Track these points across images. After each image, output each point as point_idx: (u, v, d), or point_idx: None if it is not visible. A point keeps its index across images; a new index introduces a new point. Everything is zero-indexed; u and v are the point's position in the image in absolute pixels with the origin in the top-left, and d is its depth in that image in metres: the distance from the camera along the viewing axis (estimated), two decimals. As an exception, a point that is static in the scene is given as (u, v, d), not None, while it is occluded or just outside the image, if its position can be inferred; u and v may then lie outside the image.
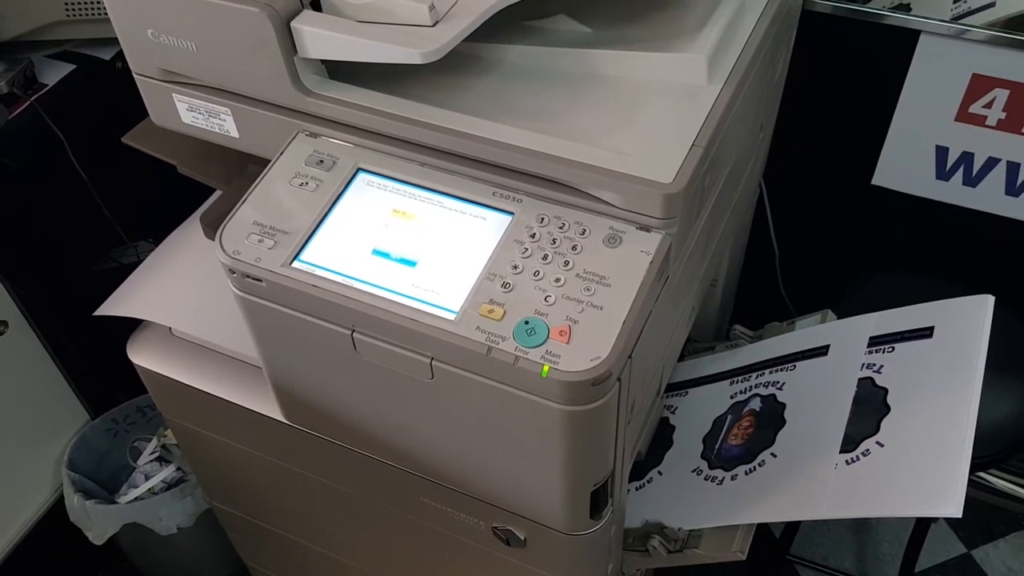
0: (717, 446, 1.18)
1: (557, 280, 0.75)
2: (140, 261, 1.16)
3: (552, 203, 0.79)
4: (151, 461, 1.50)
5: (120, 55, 1.28)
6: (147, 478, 1.48)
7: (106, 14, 0.90)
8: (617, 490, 0.91)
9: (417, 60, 0.77)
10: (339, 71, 0.86)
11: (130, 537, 1.43)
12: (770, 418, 1.14)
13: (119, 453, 1.51)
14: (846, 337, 1.16)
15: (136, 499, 1.44)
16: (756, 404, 1.19)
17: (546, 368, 0.71)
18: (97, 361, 1.46)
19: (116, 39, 0.92)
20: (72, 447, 1.46)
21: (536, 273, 0.76)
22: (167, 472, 1.48)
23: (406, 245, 0.79)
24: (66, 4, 1.22)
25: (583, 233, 0.77)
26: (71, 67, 1.29)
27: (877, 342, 1.11)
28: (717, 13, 0.88)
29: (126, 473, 1.51)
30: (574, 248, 0.77)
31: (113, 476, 1.50)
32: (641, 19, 0.92)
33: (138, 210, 1.07)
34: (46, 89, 1.25)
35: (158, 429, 1.53)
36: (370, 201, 0.82)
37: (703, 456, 1.19)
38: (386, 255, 0.79)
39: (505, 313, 0.74)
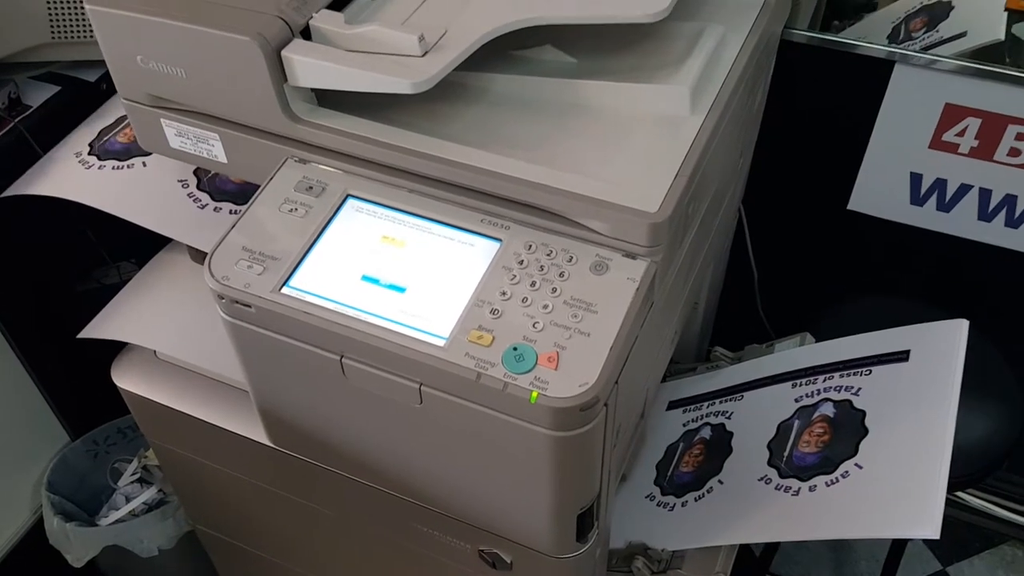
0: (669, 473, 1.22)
1: (545, 307, 0.76)
2: (123, 282, 1.16)
3: (540, 230, 0.80)
4: (132, 482, 1.49)
5: (105, 77, 1.28)
6: (128, 500, 1.47)
7: (91, 36, 0.90)
8: (603, 513, 0.92)
9: (407, 90, 0.78)
10: (328, 98, 0.86)
11: (110, 559, 1.42)
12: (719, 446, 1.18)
13: (99, 474, 1.50)
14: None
15: (117, 521, 1.43)
16: (707, 432, 1.22)
17: (535, 394, 0.72)
18: (77, 382, 1.45)
19: (101, 61, 0.92)
20: (52, 468, 1.44)
21: (524, 300, 0.77)
22: (148, 494, 1.47)
23: (395, 271, 0.80)
24: (52, 26, 1.22)
25: (570, 260, 0.79)
26: (56, 88, 1.29)
27: (854, 365, 1.13)
28: (699, 45, 0.90)
29: (106, 495, 1.49)
30: (561, 275, 0.78)
31: (93, 498, 1.49)
32: (626, 50, 0.93)
33: (121, 231, 1.07)
34: (30, 111, 1.25)
35: (139, 450, 1.52)
36: (359, 227, 0.83)
37: (656, 482, 1.21)
38: (375, 281, 0.80)
39: (494, 339, 0.75)
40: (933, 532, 0.90)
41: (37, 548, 1.43)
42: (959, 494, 1.75)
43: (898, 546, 1.49)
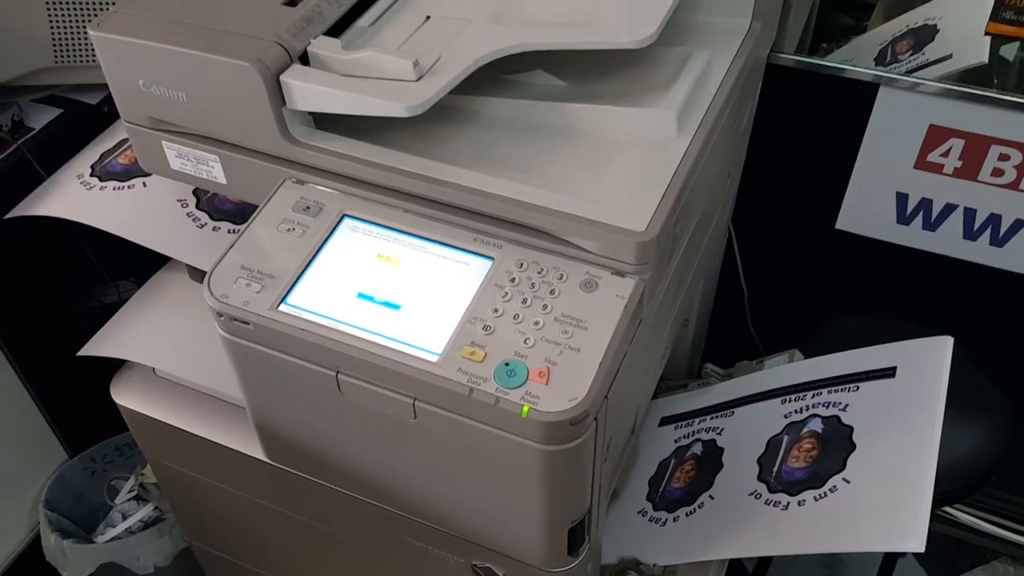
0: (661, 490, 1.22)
1: (536, 323, 0.78)
2: (122, 301, 1.18)
3: (531, 249, 0.83)
4: (128, 500, 1.50)
5: (106, 100, 1.30)
6: (124, 517, 1.48)
7: (93, 61, 0.92)
8: (594, 527, 0.94)
9: (402, 113, 0.80)
10: (325, 121, 0.89)
11: (107, 577, 1.43)
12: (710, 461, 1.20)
13: (96, 492, 1.51)
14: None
15: (113, 538, 1.44)
16: (698, 448, 1.23)
17: (526, 408, 0.73)
18: (76, 400, 1.46)
19: (103, 84, 0.94)
20: (49, 486, 1.45)
21: (516, 316, 0.79)
22: (145, 511, 1.48)
23: (390, 289, 0.82)
24: (55, 51, 1.24)
25: (561, 278, 0.81)
26: (58, 111, 1.31)
27: (842, 381, 1.15)
28: (686, 70, 0.93)
29: (103, 512, 1.50)
30: (552, 292, 0.80)
31: (90, 515, 1.50)
32: (614, 75, 0.96)
33: (120, 250, 1.09)
34: (33, 132, 1.27)
35: (136, 467, 1.53)
36: (355, 246, 0.85)
37: (648, 498, 1.23)
38: (371, 299, 0.82)
39: (486, 355, 0.77)
40: (918, 546, 0.92)
41: (34, 565, 1.43)
42: (949, 510, 1.76)
43: (889, 561, 1.50)
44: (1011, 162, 1.28)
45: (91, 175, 1.15)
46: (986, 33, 1.24)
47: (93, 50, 0.91)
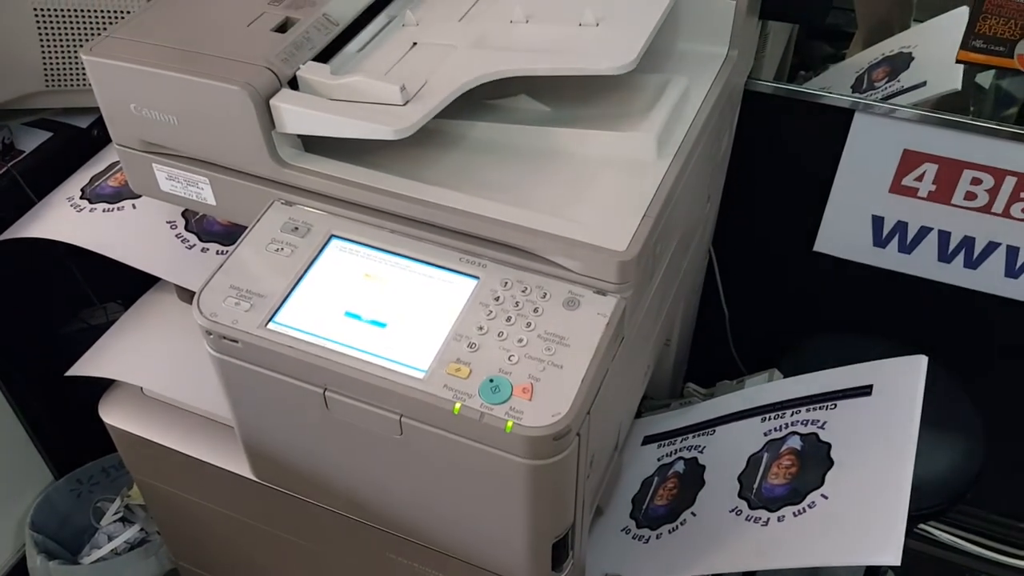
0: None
1: (520, 340, 0.80)
2: (110, 322, 1.19)
3: (515, 268, 0.84)
4: (114, 521, 1.50)
5: (96, 123, 1.32)
6: (110, 539, 1.48)
7: (84, 84, 0.93)
8: (578, 543, 0.95)
9: (389, 136, 0.83)
10: (314, 144, 0.91)
11: (91, 599, 1.43)
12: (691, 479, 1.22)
13: (82, 514, 1.51)
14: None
15: (99, 560, 1.44)
16: (680, 466, 1.25)
17: (510, 424, 0.75)
18: (63, 422, 1.46)
19: (93, 108, 0.95)
20: (35, 508, 1.45)
21: (500, 334, 0.80)
22: (130, 532, 1.48)
23: (377, 307, 0.84)
24: (46, 75, 1.26)
25: (544, 296, 0.83)
26: (48, 134, 1.33)
27: (820, 399, 1.17)
28: (665, 95, 0.96)
29: (89, 534, 1.50)
30: (536, 310, 0.82)
31: (76, 537, 1.50)
32: (596, 100, 0.99)
33: (107, 272, 1.11)
34: (23, 156, 1.29)
35: (122, 489, 1.53)
36: (343, 266, 0.87)
37: (632, 516, 1.24)
38: (358, 317, 0.84)
39: (471, 372, 0.78)
40: (894, 559, 0.94)
41: (19, 587, 1.43)
42: (929, 529, 1.78)
43: (871, 578, 1.52)
44: (983, 186, 1.32)
45: (81, 197, 1.16)
46: (957, 61, 1.28)
47: (84, 74, 0.92)
